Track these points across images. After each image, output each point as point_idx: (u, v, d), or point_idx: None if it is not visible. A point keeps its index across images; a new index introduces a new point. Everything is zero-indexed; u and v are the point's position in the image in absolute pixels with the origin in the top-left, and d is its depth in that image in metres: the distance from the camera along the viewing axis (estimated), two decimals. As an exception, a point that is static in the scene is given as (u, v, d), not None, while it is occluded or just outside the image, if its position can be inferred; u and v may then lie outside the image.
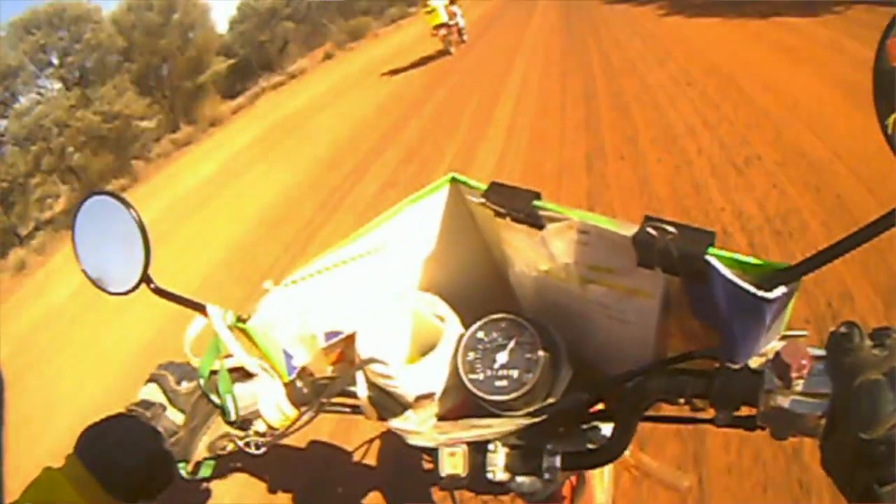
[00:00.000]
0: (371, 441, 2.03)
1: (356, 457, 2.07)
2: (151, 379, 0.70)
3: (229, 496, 2.13)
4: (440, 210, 0.69)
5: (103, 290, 0.73)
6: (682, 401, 0.71)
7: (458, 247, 0.72)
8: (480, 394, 0.65)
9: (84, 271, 0.73)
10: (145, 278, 0.69)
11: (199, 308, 0.68)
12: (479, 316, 0.68)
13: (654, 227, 0.56)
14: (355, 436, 2.15)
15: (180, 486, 0.69)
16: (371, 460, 2.08)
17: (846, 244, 0.48)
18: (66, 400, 4.04)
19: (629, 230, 0.57)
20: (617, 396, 0.66)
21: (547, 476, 0.67)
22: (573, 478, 0.97)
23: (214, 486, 1.98)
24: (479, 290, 0.73)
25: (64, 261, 8.29)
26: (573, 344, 0.68)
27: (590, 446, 0.71)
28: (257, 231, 5.65)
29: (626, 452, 1.04)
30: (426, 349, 0.71)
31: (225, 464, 0.72)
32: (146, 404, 0.67)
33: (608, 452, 0.68)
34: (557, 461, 0.66)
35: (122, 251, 0.70)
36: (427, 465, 1.93)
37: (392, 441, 2.02)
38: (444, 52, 10.93)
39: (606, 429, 0.76)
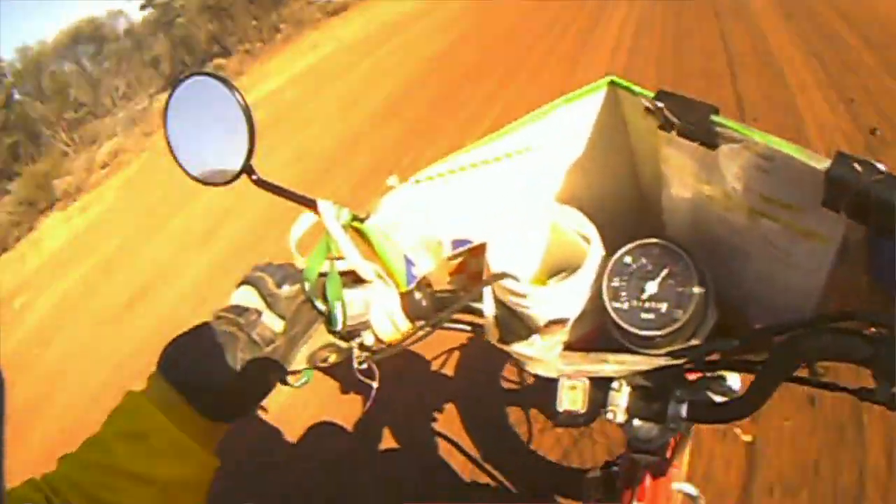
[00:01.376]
0: (450, 352, 2.01)
1: (434, 366, 2.05)
2: (246, 282, 0.61)
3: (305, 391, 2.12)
4: (593, 116, 0.60)
5: (198, 180, 0.65)
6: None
7: (607, 159, 0.64)
8: (625, 325, 0.59)
9: (176, 159, 0.64)
10: (247, 168, 0.61)
11: (309, 203, 0.61)
12: (621, 239, 0.61)
13: (855, 163, 0.50)
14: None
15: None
16: (448, 370, 2.04)
17: None
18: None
19: (822, 163, 0.50)
20: (764, 349, 0.60)
21: (672, 425, 0.62)
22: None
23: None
24: (623, 210, 0.66)
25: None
26: (723, 283, 0.62)
27: (716, 399, 0.66)
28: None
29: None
30: (558, 269, 0.65)
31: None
32: (239, 310, 0.59)
33: (739, 409, 0.62)
34: (683, 410, 0.61)
35: (222, 138, 0.63)
36: (506, 385, 1.91)
37: (471, 354, 2.01)
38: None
39: (732, 380, 0.71)
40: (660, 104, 0.56)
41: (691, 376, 0.67)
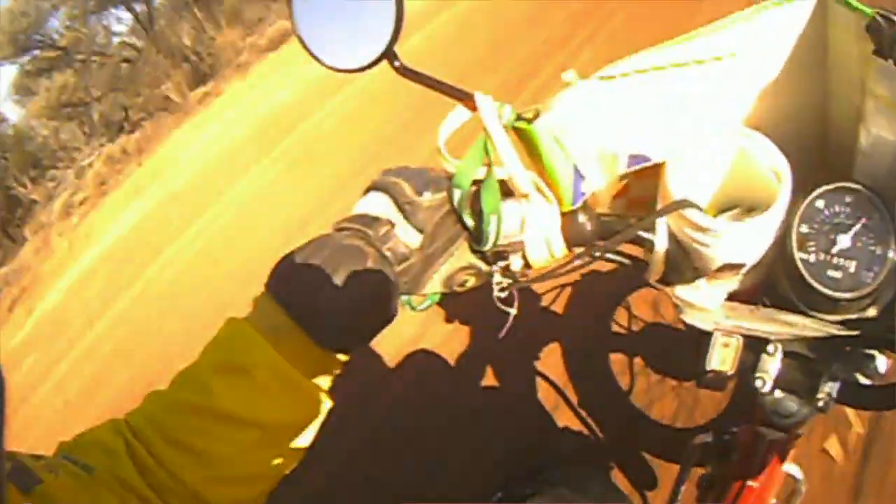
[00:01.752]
0: (563, 287, 1.89)
1: (544, 301, 1.93)
2: (377, 187, 0.51)
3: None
4: (799, 26, 0.52)
5: (326, 64, 0.54)
6: None
7: (801, 82, 0.55)
8: (811, 280, 0.51)
9: (300, 37, 0.54)
10: (390, 53, 0.51)
11: (464, 96, 0.51)
12: (804, 179, 0.53)
13: None
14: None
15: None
16: (558, 308, 1.92)
17: None
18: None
19: None
20: None
21: (820, 404, 0.55)
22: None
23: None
24: (809, 145, 0.58)
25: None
26: None
27: (865, 380, 0.59)
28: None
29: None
30: (731, 202, 0.56)
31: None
32: (368, 220, 0.50)
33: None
34: (836, 389, 0.55)
35: (360, 15, 0.52)
36: (614, 328, 1.80)
37: (584, 294, 1.89)
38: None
39: (880, 361, 0.63)
40: (884, 24, 0.49)
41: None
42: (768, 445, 0.70)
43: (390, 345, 2.14)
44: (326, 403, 0.47)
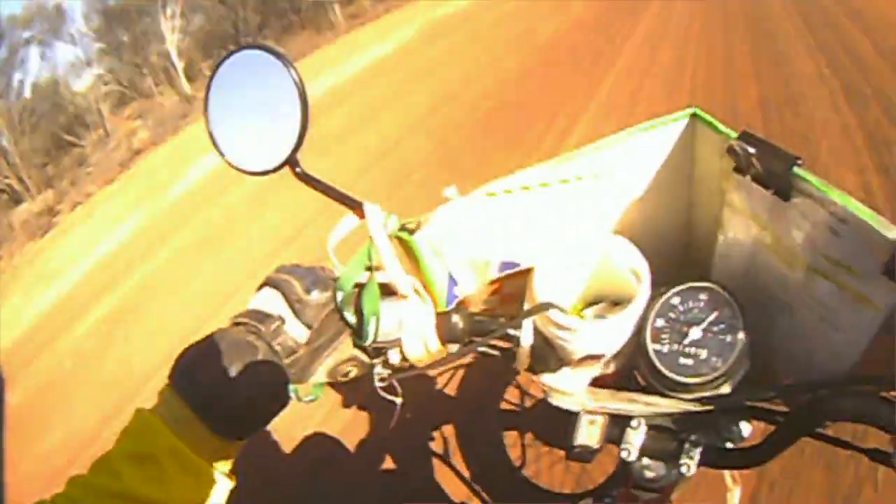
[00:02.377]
0: (455, 370, 1.99)
1: (439, 384, 2.03)
2: (269, 284, 0.56)
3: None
4: (667, 148, 0.57)
5: (235, 166, 0.59)
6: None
7: (667, 195, 0.61)
8: (662, 368, 0.58)
9: (213, 141, 0.58)
10: (292, 160, 0.56)
11: (354, 205, 0.56)
12: (664, 277, 0.59)
13: None
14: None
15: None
16: (451, 391, 2.03)
17: None
18: None
19: (893, 232, 0.49)
20: (790, 403, 0.60)
21: (683, 470, 0.62)
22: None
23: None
24: (672, 248, 0.64)
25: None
26: (760, 333, 0.61)
27: (727, 444, 0.65)
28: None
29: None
30: (596, 301, 0.62)
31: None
32: (260, 316, 0.54)
33: (755, 457, 0.63)
34: (697, 454, 0.61)
35: (268, 121, 0.57)
36: (505, 406, 1.90)
37: (474, 374, 1.99)
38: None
39: (744, 427, 0.71)
40: (739, 147, 0.54)
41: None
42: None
43: (293, 429, 2.20)
44: (228, 485, 0.53)
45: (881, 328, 0.56)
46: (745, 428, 0.69)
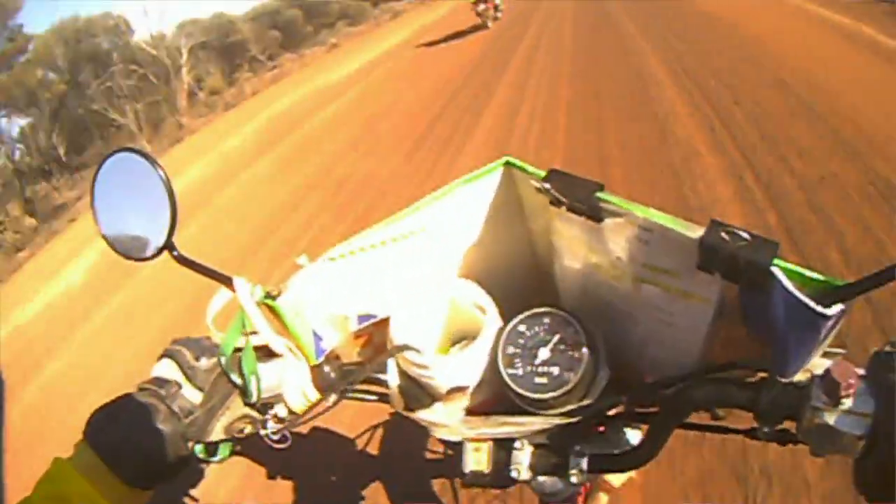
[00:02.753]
0: (375, 428, 2.05)
1: (359, 444, 2.08)
2: (166, 354, 0.65)
3: (233, 478, 2.09)
4: (490, 194, 0.65)
5: (123, 255, 0.68)
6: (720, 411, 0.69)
7: (504, 235, 0.69)
8: (519, 390, 0.63)
9: (102, 233, 0.68)
10: (169, 245, 0.65)
11: (225, 280, 0.64)
12: (519, 308, 0.65)
13: (724, 232, 0.54)
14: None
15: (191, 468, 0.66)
16: (373, 449, 2.08)
17: None
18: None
19: (695, 232, 0.55)
20: (655, 402, 0.63)
21: (573, 479, 0.65)
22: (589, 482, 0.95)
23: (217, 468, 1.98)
24: (520, 282, 0.71)
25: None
26: (614, 344, 0.67)
27: (615, 450, 0.69)
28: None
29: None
30: (459, 339, 0.68)
31: (242, 446, 0.68)
32: (160, 382, 0.63)
33: (637, 457, 0.67)
34: (584, 463, 0.65)
35: (146, 214, 0.66)
36: (430, 455, 1.95)
37: (396, 428, 2.03)
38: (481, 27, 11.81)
39: (632, 433, 0.74)
40: (547, 185, 0.61)
41: (596, 430, 0.70)
42: None
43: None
44: None
45: (715, 318, 0.61)
46: (633, 434, 0.72)
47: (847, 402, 0.50)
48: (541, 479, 0.68)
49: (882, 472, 0.46)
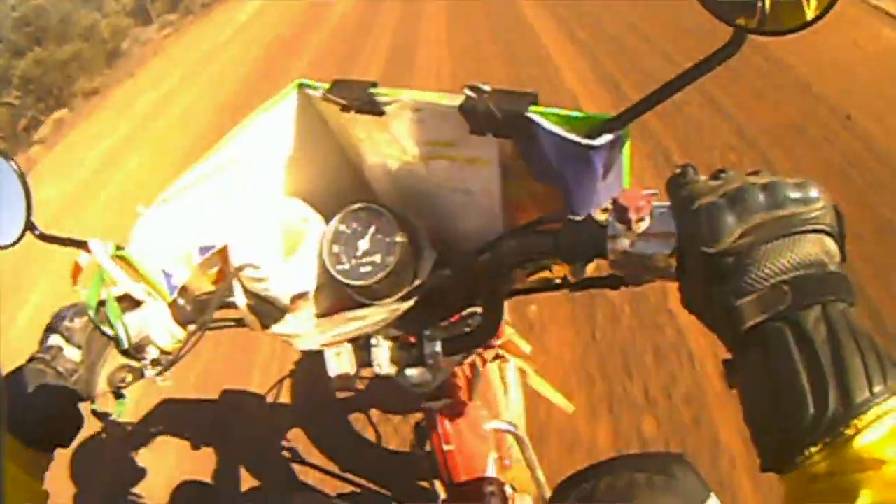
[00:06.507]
0: (281, 381, 2.16)
1: (270, 398, 2.18)
2: (48, 326, 0.72)
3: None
4: (292, 116, 0.71)
5: None
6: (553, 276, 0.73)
7: (315, 150, 0.75)
8: (349, 282, 0.68)
9: None
10: (29, 226, 0.72)
11: (82, 245, 0.71)
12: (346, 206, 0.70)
13: (475, 92, 0.60)
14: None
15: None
16: (285, 398, 2.17)
17: (667, 90, 0.51)
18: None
19: (456, 101, 0.60)
20: (479, 273, 0.68)
21: (430, 362, 0.70)
22: (468, 371, 0.98)
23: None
24: (341, 189, 0.76)
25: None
26: (433, 227, 0.71)
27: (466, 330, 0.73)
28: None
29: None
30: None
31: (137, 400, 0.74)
32: (45, 349, 0.70)
33: (482, 332, 0.72)
34: (438, 346, 0.70)
35: (3, 204, 0.73)
36: (340, 395, 2.01)
37: (300, 377, 2.15)
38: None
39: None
40: (332, 95, 0.67)
41: (449, 320, 0.74)
42: (439, 414, 0.86)
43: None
44: (43, 493, 0.65)
45: (502, 177, 0.66)
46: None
47: (644, 225, 0.51)
48: (407, 372, 0.72)
49: (695, 278, 0.47)
